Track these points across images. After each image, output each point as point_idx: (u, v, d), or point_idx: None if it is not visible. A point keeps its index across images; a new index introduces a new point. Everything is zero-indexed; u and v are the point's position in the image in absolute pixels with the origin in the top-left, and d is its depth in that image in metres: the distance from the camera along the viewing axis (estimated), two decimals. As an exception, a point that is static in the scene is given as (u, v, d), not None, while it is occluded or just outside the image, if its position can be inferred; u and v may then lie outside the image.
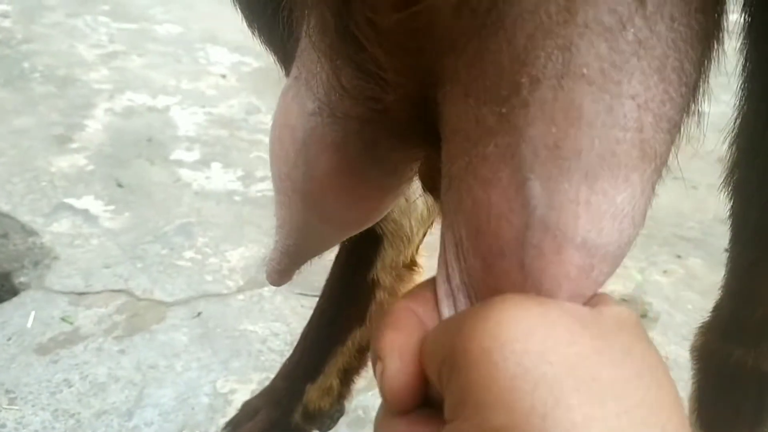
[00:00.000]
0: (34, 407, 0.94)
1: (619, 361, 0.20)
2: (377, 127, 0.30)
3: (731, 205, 0.45)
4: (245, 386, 1.00)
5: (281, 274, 0.45)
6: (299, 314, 1.14)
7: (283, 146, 0.35)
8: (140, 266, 1.24)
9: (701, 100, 0.25)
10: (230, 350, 1.07)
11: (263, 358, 1.06)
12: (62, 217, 1.35)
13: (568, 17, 0.21)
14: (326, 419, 0.81)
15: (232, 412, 0.93)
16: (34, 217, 1.34)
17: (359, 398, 0.98)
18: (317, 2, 0.27)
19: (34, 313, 1.11)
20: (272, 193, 0.40)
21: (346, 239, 0.72)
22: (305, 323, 0.81)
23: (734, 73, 0.36)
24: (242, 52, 2.19)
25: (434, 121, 0.27)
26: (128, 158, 1.58)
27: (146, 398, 0.97)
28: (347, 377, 0.78)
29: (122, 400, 0.97)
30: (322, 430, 0.82)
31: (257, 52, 0.53)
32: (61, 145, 1.61)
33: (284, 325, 1.13)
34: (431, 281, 0.28)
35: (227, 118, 1.83)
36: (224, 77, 2.07)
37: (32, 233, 1.29)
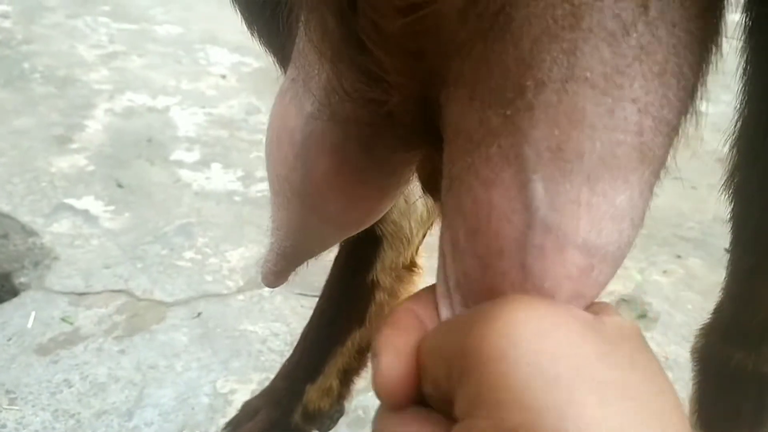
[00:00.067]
0: (34, 407, 0.94)
1: (625, 365, 0.21)
2: (377, 128, 0.30)
3: (732, 207, 0.45)
4: (245, 386, 1.00)
5: (277, 275, 0.45)
6: (299, 314, 1.14)
7: (281, 149, 0.35)
8: (140, 266, 1.24)
9: (699, 102, 0.25)
10: (230, 350, 1.07)
11: (263, 358, 1.06)
12: (62, 217, 1.35)
13: (573, 22, 0.21)
14: (326, 419, 0.81)
15: (232, 412, 0.93)
16: (34, 217, 1.34)
17: (359, 398, 0.98)
18: (319, 5, 0.26)
19: (34, 313, 1.11)
20: (271, 194, 0.40)
21: (345, 240, 0.72)
22: (305, 323, 0.81)
23: (734, 73, 0.36)
24: (242, 52, 2.19)
25: (436, 122, 0.27)
26: (128, 159, 1.58)
27: (146, 398, 0.97)
28: (347, 378, 0.78)
29: (122, 400, 0.97)
30: (321, 430, 0.82)
31: (257, 52, 0.53)
32: (61, 145, 1.61)
33: (284, 325, 1.13)
34: (434, 285, 0.29)
35: (227, 118, 1.83)
36: (224, 78, 2.07)
37: (32, 233, 1.29)
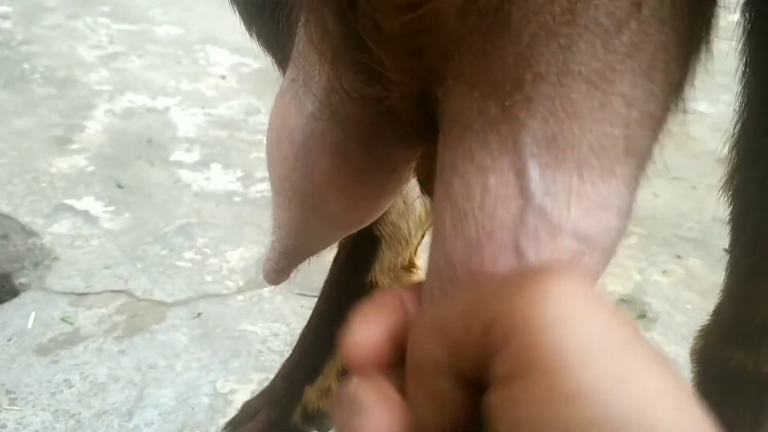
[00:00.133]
0: (34, 408, 0.94)
1: (647, 345, 0.21)
2: (377, 128, 0.30)
3: (731, 209, 0.45)
4: (245, 386, 1.00)
5: (279, 273, 0.45)
6: (299, 314, 1.14)
7: (281, 149, 0.35)
8: (140, 267, 1.24)
9: (688, 98, 0.26)
10: (230, 350, 1.07)
11: (263, 358, 1.06)
12: (62, 218, 1.35)
13: (570, 18, 0.21)
14: (325, 420, 0.81)
15: (232, 412, 0.93)
16: (34, 218, 1.34)
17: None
18: (319, 5, 0.27)
19: (34, 313, 1.11)
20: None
21: (344, 241, 0.72)
22: (305, 323, 0.81)
23: (734, 73, 0.36)
24: (242, 53, 2.19)
25: (435, 118, 0.27)
26: (128, 159, 1.58)
27: (146, 398, 0.97)
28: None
29: (122, 400, 0.97)
30: (321, 430, 0.82)
31: (257, 53, 0.53)
32: (61, 146, 1.61)
33: (284, 325, 1.13)
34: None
35: (227, 119, 1.83)
36: (224, 78, 2.07)
37: (32, 234, 1.29)
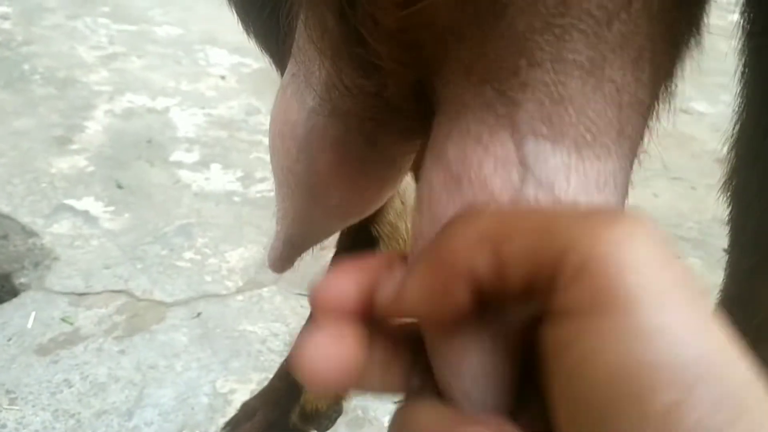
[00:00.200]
0: (34, 407, 0.94)
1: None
2: (378, 121, 0.31)
3: (730, 210, 0.45)
4: (245, 386, 1.01)
5: (284, 261, 0.47)
6: (299, 314, 1.15)
7: (284, 142, 0.36)
8: (140, 267, 1.24)
9: (675, 88, 0.27)
10: (230, 350, 1.07)
11: (263, 358, 1.06)
12: (62, 218, 1.36)
13: (563, 10, 0.22)
14: (324, 420, 0.81)
15: (231, 412, 0.93)
16: (34, 218, 1.34)
17: (358, 398, 0.98)
18: (319, 3, 0.27)
19: (34, 313, 1.11)
20: (272, 194, 0.41)
21: (343, 241, 0.72)
22: (304, 323, 0.82)
23: (733, 73, 0.36)
24: (242, 53, 2.19)
25: (433, 107, 0.27)
26: (128, 159, 1.58)
27: (146, 398, 0.98)
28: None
29: (122, 400, 0.97)
30: (320, 430, 0.82)
31: (257, 53, 0.53)
32: (61, 146, 1.61)
33: (284, 325, 1.13)
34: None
35: (227, 119, 1.83)
36: (224, 78, 2.07)
37: (32, 234, 1.30)
